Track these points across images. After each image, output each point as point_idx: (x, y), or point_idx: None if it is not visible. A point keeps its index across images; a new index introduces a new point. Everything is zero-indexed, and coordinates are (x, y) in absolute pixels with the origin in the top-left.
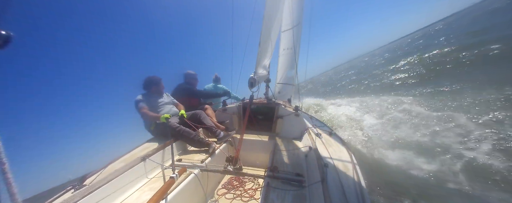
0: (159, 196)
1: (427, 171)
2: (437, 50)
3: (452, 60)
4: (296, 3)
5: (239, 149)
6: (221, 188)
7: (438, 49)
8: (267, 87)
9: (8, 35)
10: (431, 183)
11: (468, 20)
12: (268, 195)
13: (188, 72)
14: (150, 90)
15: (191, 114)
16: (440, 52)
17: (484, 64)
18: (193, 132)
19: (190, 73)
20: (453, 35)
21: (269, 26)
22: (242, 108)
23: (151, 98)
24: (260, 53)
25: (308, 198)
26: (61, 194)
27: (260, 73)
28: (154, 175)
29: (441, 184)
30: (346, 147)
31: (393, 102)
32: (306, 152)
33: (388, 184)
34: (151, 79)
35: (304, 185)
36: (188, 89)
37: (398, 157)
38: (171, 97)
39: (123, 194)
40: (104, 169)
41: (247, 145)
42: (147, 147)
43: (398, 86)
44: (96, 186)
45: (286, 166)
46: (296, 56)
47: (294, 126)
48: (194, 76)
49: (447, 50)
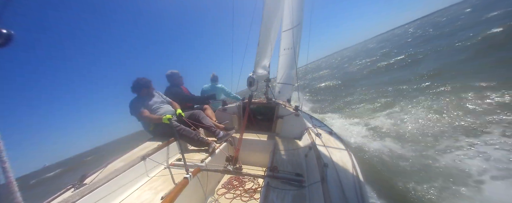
0: (173, 197)
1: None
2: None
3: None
4: (296, 3)
5: (239, 148)
6: (221, 188)
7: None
8: (267, 87)
9: (9, 34)
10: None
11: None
12: (268, 195)
13: (171, 73)
14: (140, 93)
15: (191, 113)
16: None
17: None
18: (193, 132)
19: (173, 73)
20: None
21: (269, 26)
22: (242, 108)
23: (145, 101)
24: (259, 53)
25: (308, 198)
26: (61, 193)
27: (259, 72)
28: (154, 174)
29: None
30: (346, 147)
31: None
32: (306, 152)
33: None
34: (140, 82)
35: (304, 185)
36: (179, 93)
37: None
38: (164, 96)
39: (123, 193)
40: (104, 168)
41: (247, 145)
42: (147, 146)
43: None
44: (96, 185)
45: (286, 166)
46: (296, 56)
47: (294, 126)
48: (178, 75)
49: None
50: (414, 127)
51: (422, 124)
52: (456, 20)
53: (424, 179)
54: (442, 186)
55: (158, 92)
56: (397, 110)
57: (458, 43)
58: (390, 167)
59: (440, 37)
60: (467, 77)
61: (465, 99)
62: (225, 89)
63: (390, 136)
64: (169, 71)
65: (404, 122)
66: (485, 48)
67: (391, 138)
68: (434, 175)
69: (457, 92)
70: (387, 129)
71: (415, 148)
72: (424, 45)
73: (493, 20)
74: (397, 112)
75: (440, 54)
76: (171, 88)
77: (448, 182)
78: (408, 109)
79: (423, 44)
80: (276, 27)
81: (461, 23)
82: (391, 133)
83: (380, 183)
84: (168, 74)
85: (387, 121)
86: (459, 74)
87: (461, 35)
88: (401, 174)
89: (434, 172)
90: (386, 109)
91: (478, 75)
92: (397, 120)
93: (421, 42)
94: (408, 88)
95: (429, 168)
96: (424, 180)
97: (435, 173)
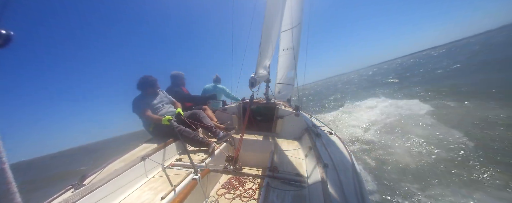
0: (182, 198)
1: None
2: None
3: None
4: (296, 3)
5: (239, 149)
6: (221, 188)
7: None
8: (267, 87)
9: (8, 34)
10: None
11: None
12: (268, 195)
13: (174, 74)
14: (145, 91)
15: (191, 113)
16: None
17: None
18: (193, 132)
19: (176, 74)
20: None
21: (270, 26)
22: (242, 108)
23: (149, 100)
24: (261, 53)
25: (308, 198)
26: (61, 194)
27: (260, 73)
28: (154, 175)
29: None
30: (346, 147)
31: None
32: (306, 152)
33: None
34: (146, 80)
35: (303, 185)
36: (179, 93)
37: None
38: (168, 95)
39: (123, 193)
40: (104, 168)
41: (247, 145)
42: (147, 146)
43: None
44: (96, 186)
45: (286, 166)
46: (296, 57)
47: (294, 126)
48: (181, 76)
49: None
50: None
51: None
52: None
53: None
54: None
55: (163, 91)
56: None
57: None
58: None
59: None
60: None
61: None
62: (226, 89)
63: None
64: (175, 72)
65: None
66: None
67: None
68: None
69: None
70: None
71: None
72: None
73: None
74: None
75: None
76: (172, 88)
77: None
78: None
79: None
80: (277, 27)
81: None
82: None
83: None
84: (173, 74)
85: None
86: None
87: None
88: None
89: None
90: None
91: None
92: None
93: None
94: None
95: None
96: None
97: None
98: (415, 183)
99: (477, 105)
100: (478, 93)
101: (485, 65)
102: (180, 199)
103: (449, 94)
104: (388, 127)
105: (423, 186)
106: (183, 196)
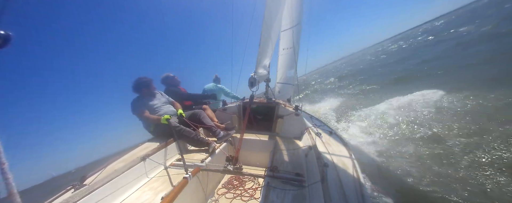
0: (172, 197)
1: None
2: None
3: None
4: (296, 3)
5: (239, 148)
6: (221, 188)
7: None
8: (267, 87)
9: (7, 35)
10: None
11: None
12: (268, 194)
13: (164, 76)
14: (141, 92)
15: (191, 113)
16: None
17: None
18: (193, 132)
19: (166, 76)
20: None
21: (270, 26)
22: (242, 108)
23: (146, 101)
24: (260, 53)
25: (308, 198)
26: (61, 194)
27: (260, 72)
28: (154, 175)
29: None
30: (346, 146)
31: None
32: (306, 151)
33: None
34: (140, 81)
35: (304, 185)
36: (177, 92)
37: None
38: (166, 96)
39: (123, 194)
40: (104, 169)
41: (247, 144)
42: (147, 147)
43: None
44: (96, 186)
45: (286, 165)
46: (296, 56)
47: (294, 126)
48: (171, 76)
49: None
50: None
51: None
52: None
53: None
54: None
55: (160, 92)
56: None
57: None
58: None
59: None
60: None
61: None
62: (225, 89)
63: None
64: (164, 74)
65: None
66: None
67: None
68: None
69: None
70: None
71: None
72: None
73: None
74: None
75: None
76: (169, 89)
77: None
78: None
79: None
80: (277, 26)
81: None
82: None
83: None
84: (163, 77)
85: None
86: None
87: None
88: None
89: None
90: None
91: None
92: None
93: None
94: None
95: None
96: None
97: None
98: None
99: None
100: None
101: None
102: (170, 198)
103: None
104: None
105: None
106: (174, 195)
